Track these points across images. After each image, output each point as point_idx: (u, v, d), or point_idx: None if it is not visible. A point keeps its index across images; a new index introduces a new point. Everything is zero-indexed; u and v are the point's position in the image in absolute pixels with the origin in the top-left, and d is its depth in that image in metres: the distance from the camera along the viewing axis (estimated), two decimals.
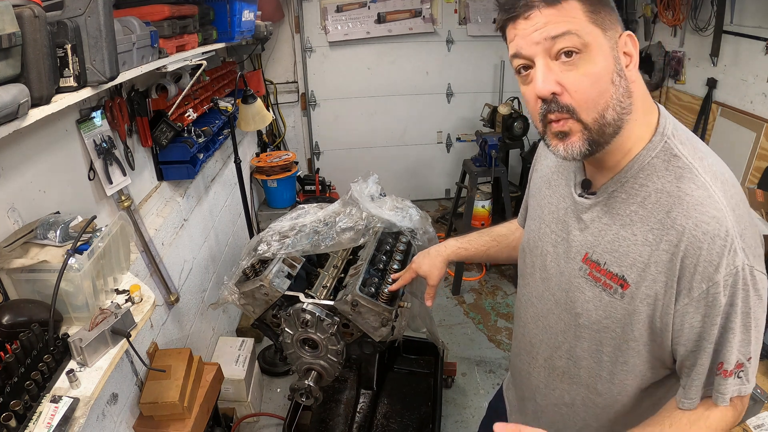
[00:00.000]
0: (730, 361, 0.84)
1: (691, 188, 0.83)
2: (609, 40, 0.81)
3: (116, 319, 1.18)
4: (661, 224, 0.85)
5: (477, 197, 3.64)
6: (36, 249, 1.23)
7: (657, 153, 0.87)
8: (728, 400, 0.86)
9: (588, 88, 0.80)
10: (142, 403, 1.78)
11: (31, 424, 0.98)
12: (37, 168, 1.41)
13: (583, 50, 0.80)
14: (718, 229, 0.80)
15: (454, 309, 3.40)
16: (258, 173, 3.43)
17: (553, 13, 0.80)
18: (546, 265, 1.06)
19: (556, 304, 1.04)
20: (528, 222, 1.17)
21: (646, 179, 0.87)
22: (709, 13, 2.88)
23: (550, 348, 1.09)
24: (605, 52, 0.81)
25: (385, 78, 4.36)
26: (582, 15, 0.80)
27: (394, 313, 1.54)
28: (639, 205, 0.88)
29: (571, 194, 1.00)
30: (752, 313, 0.82)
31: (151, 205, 2.16)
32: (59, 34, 1.15)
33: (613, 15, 0.83)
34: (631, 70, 0.84)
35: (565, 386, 1.09)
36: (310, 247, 1.75)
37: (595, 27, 0.80)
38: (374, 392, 2.36)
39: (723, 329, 0.83)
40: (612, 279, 0.91)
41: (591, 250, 0.94)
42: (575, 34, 0.79)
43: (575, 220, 0.99)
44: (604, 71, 0.81)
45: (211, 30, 2.32)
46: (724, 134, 2.89)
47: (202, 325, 2.55)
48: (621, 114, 0.83)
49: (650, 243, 0.86)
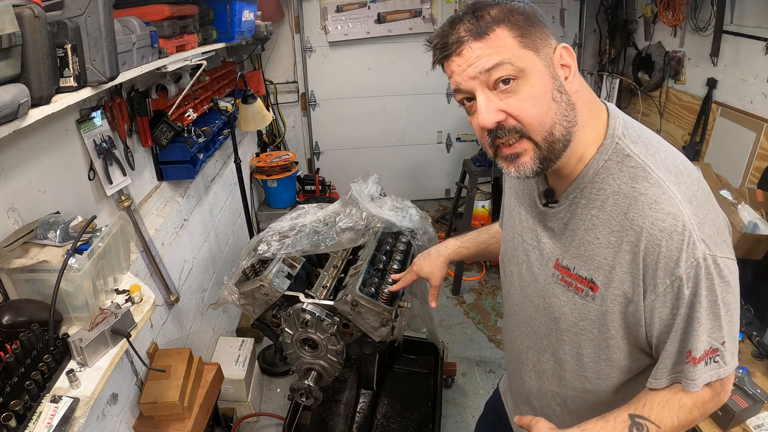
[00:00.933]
0: (698, 348, 0.86)
1: (644, 187, 0.84)
2: (543, 58, 0.82)
3: (116, 319, 1.18)
4: (620, 226, 0.86)
5: (477, 197, 3.64)
6: (36, 249, 1.23)
7: (609, 155, 0.88)
8: (700, 385, 0.88)
9: (531, 110, 0.82)
10: (142, 403, 1.78)
11: (31, 424, 0.98)
12: (37, 168, 1.41)
13: (519, 76, 0.81)
14: (674, 225, 0.81)
15: (454, 309, 3.40)
16: (258, 173, 3.44)
17: (483, 45, 0.81)
18: (522, 273, 1.09)
19: (535, 310, 1.07)
20: (504, 232, 1.20)
21: (603, 183, 0.89)
22: (709, 13, 2.88)
23: (536, 352, 1.11)
24: (541, 72, 0.82)
25: (385, 78, 4.36)
26: (512, 41, 0.81)
27: (394, 313, 1.54)
28: (599, 209, 0.89)
29: (536, 204, 1.02)
30: (720, 300, 0.84)
31: (151, 205, 2.16)
32: (59, 34, 1.15)
33: (544, 31, 0.84)
34: (571, 81, 0.85)
35: (555, 388, 1.11)
36: (310, 247, 1.75)
37: (527, 50, 0.81)
38: (374, 392, 2.36)
39: (689, 318, 0.85)
40: (582, 282, 0.93)
41: (561, 256, 0.97)
42: (508, 63, 0.80)
43: (543, 229, 1.01)
44: (542, 91, 0.82)
45: (211, 30, 2.32)
46: (724, 134, 2.89)
47: (202, 325, 2.55)
48: (568, 128, 0.85)
49: (613, 245, 0.88)
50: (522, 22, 0.81)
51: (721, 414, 1.60)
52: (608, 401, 1.05)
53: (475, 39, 0.81)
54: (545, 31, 0.84)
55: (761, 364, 1.83)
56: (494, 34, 0.81)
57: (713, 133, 2.99)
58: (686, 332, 0.86)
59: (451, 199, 4.59)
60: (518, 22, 0.81)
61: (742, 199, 2.24)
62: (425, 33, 4.21)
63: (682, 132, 3.25)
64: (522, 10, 0.83)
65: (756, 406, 1.60)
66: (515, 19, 0.81)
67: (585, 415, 1.08)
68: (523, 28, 0.81)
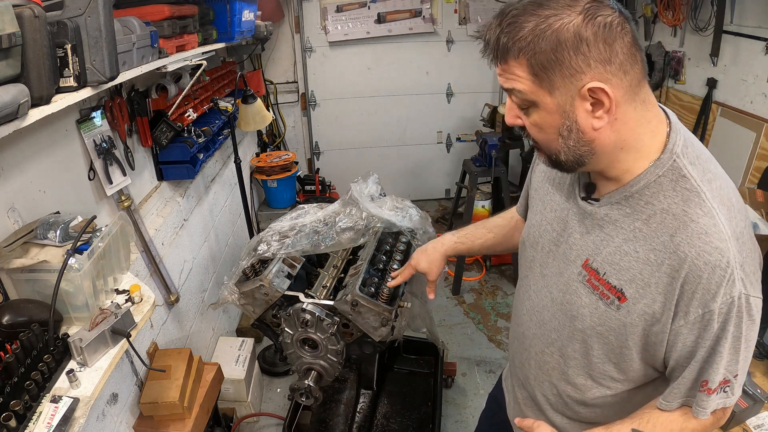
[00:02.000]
0: (715, 380, 0.87)
1: (697, 214, 0.83)
2: (559, 96, 0.80)
3: (116, 319, 1.18)
4: (664, 246, 0.85)
5: (477, 197, 3.64)
6: (36, 249, 1.23)
7: (665, 171, 0.86)
8: (709, 414, 0.90)
9: (537, 134, 0.88)
10: (142, 403, 1.78)
11: (31, 424, 0.98)
12: (37, 168, 1.41)
13: (530, 105, 0.84)
14: (719, 260, 0.81)
15: (454, 309, 3.40)
16: (258, 173, 3.43)
17: (503, 68, 0.83)
18: (547, 261, 1.07)
19: (552, 301, 1.05)
20: (530, 215, 1.17)
21: (652, 197, 0.87)
22: (709, 13, 2.88)
23: (542, 343, 1.10)
24: (550, 110, 0.82)
25: (385, 78, 4.36)
26: (526, 76, 0.81)
27: (394, 313, 1.54)
28: (643, 223, 0.88)
29: (575, 195, 1.00)
30: (743, 337, 0.85)
31: (151, 205, 2.16)
32: (59, 34, 1.15)
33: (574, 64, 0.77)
34: (602, 117, 0.81)
35: (554, 381, 1.11)
36: (310, 247, 1.75)
37: (540, 89, 0.81)
38: (374, 392, 2.36)
39: (711, 351, 0.85)
40: (610, 290, 0.92)
41: (592, 257, 0.95)
42: (521, 92, 0.83)
43: (577, 223, 0.99)
44: (549, 126, 0.84)
45: (211, 30, 2.32)
46: (724, 134, 2.89)
47: (202, 325, 2.55)
48: (579, 156, 0.86)
49: (652, 263, 0.86)
50: (543, 57, 0.77)
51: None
52: (606, 402, 1.05)
53: (495, 60, 0.83)
54: (577, 62, 0.77)
55: (761, 364, 1.83)
56: (513, 61, 0.81)
57: (713, 133, 2.99)
58: (706, 363, 0.86)
59: (451, 199, 4.59)
60: (538, 62, 0.78)
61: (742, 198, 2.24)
62: (425, 33, 4.21)
63: None
64: (553, 38, 0.76)
65: (756, 406, 1.60)
66: (537, 59, 0.78)
67: (578, 409, 1.09)
68: (542, 65, 0.78)
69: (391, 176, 4.63)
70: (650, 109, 0.86)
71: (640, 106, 0.84)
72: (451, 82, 4.45)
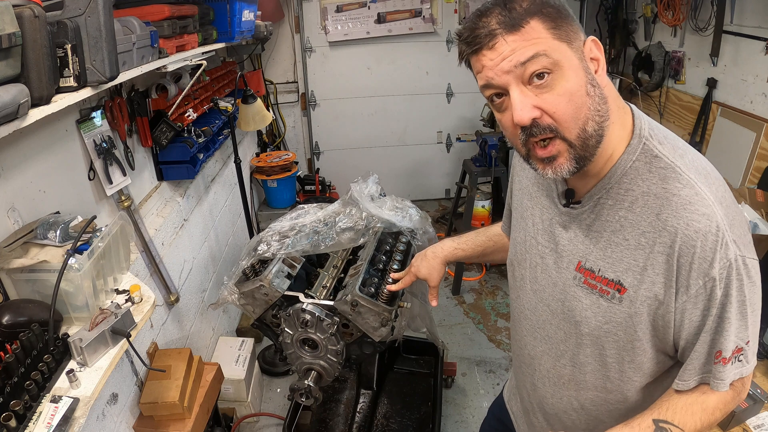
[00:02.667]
0: (728, 348, 0.86)
1: (677, 188, 0.84)
2: (576, 51, 0.81)
3: (116, 319, 1.18)
4: (652, 227, 0.85)
5: (477, 197, 3.64)
6: (36, 249, 1.23)
7: (638, 156, 0.87)
8: (728, 385, 0.88)
9: (566, 106, 0.80)
10: (142, 403, 1.78)
11: (31, 424, 0.98)
12: (37, 168, 1.41)
13: (554, 69, 0.79)
14: (709, 226, 0.81)
15: (454, 309, 3.40)
16: (258, 173, 3.44)
17: (517, 38, 0.78)
18: (536, 276, 1.06)
19: (552, 314, 1.04)
20: (513, 234, 1.17)
21: (631, 183, 0.87)
22: (709, 13, 2.88)
23: (552, 358, 1.08)
24: (575, 65, 0.80)
25: (385, 78, 4.36)
26: (546, 33, 0.78)
27: (394, 313, 1.54)
28: (627, 210, 0.88)
29: (555, 205, 1.00)
30: (747, 300, 0.84)
31: (151, 205, 2.16)
32: (59, 34, 1.15)
33: (574, 24, 0.82)
34: (600, 75, 0.83)
35: (572, 392, 1.08)
36: (310, 247, 1.75)
37: (561, 42, 0.79)
38: (374, 392, 2.36)
39: (719, 319, 0.85)
40: (608, 285, 0.92)
41: (584, 258, 0.95)
42: (544, 55, 0.78)
43: (563, 230, 0.99)
44: (577, 86, 0.80)
45: (211, 30, 2.32)
46: (724, 134, 2.89)
47: (202, 325, 2.55)
48: (600, 123, 0.83)
49: (644, 246, 0.86)
50: (554, 14, 0.80)
51: None
52: (628, 403, 1.03)
53: (509, 31, 0.78)
54: (575, 23, 0.82)
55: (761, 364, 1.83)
56: (529, 26, 0.78)
57: (713, 133, 2.99)
58: (717, 332, 0.86)
59: (451, 199, 4.59)
60: (551, 14, 0.79)
61: (742, 199, 2.24)
62: (425, 33, 4.21)
63: (682, 132, 3.25)
64: (552, 2, 0.81)
65: (756, 406, 1.60)
66: (548, 11, 0.79)
67: (603, 418, 1.07)
68: (556, 20, 0.79)
69: (391, 176, 4.63)
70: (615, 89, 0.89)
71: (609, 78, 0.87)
72: (451, 82, 4.45)
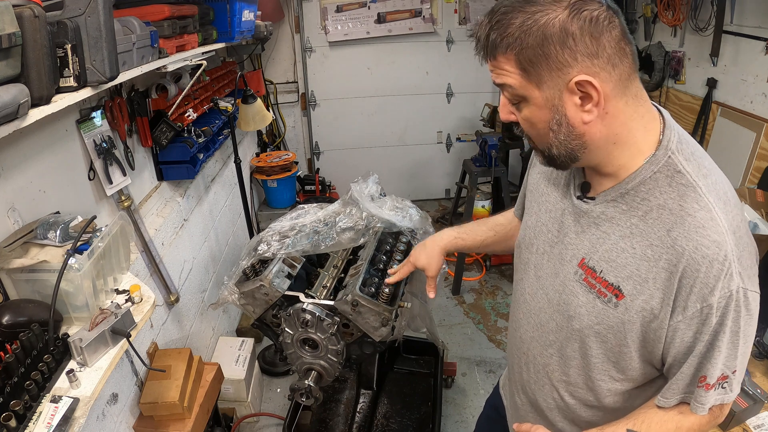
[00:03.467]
0: (713, 375, 0.86)
1: (694, 208, 0.83)
2: (546, 91, 0.82)
3: (116, 319, 1.18)
4: (661, 241, 0.85)
5: (477, 197, 3.64)
6: (36, 249, 1.23)
7: (660, 168, 0.86)
8: (707, 410, 0.90)
9: (529, 129, 0.89)
10: (142, 403, 1.78)
11: (31, 424, 0.98)
12: (37, 168, 1.41)
13: (521, 100, 0.86)
14: (717, 254, 0.81)
15: (454, 309, 3.40)
16: (258, 173, 3.44)
17: (493, 63, 0.85)
18: (542, 263, 1.07)
19: (548, 303, 1.05)
20: (525, 217, 1.17)
21: (648, 193, 0.87)
22: (709, 13, 2.88)
23: (540, 345, 1.10)
24: (539, 104, 0.84)
25: (385, 78, 4.36)
26: (515, 70, 0.82)
27: (394, 313, 1.54)
28: (640, 219, 0.88)
29: (570, 195, 1.00)
30: (741, 332, 0.85)
31: (151, 205, 2.16)
32: (59, 34, 1.15)
33: (560, 58, 0.78)
34: (591, 111, 0.82)
35: (554, 384, 1.10)
36: (310, 247, 1.75)
37: (528, 83, 0.83)
38: (374, 392, 2.36)
39: (710, 345, 0.85)
40: (607, 288, 0.92)
41: (588, 256, 0.95)
42: (511, 87, 0.84)
43: (573, 223, 0.99)
44: (539, 120, 0.86)
45: (211, 30, 2.32)
46: (724, 134, 2.89)
47: (202, 325, 2.55)
48: (571, 150, 0.87)
49: (649, 258, 0.86)
50: (530, 52, 0.79)
51: None
52: (607, 405, 1.04)
53: (487, 55, 0.85)
54: (564, 56, 0.78)
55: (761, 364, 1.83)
56: (502, 56, 0.82)
57: (713, 133, 2.99)
58: (705, 358, 0.86)
59: (451, 199, 4.59)
60: (526, 57, 0.79)
61: (742, 199, 2.24)
62: (425, 33, 4.21)
63: None
64: (539, 33, 0.77)
65: (756, 406, 1.60)
66: (524, 54, 0.79)
67: (579, 412, 1.08)
68: (530, 61, 0.80)
69: (391, 176, 4.63)
70: (642, 104, 0.86)
71: (632, 101, 0.84)
72: (450, 82, 4.45)
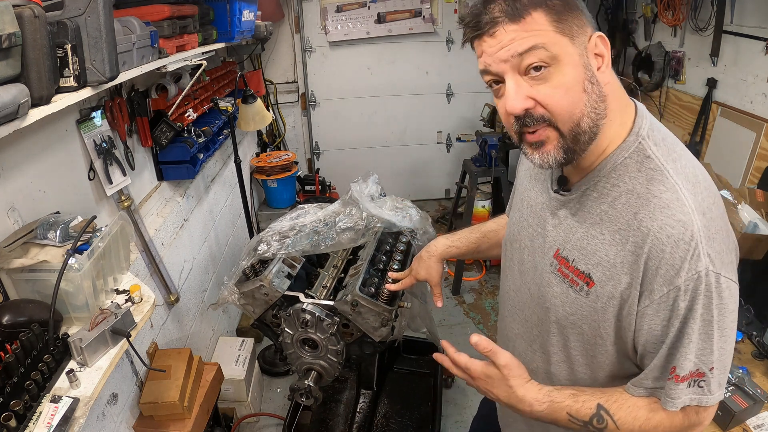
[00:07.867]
0: (684, 367, 0.83)
1: (660, 190, 0.83)
2: (578, 47, 0.80)
3: (116, 319, 1.18)
4: (628, 225, 0.85)
5: (477, 197, 3.64)
6: (36, 249, 1.23)
7: (630, 153, 0.86)
8: (678, 406, 0.85)
9: (560, 100, 0.80)
10: (142, 403, 1.78)
11: (31, 424, 0.98)
12: (37, 168, 1.41)
13: (551, 63, 0.78)
14: (682, 233, 0.79)
15: (454, 309, 3.40)
16: (258, 173, 3.43)
17: (518, 28, 0.78)
18: (523, 258, 1.08)
19: (530, 297, 1.05)
20: (511, 214, 1.18)
21: (618, 179, 0.87)
22: (709, 13, 2.88)
23: (525, 341, 1.10)
24: (574, 61, 0.79)
25: (385, 78, 4.36)
26: (548, 26, 0.78)
27: (394, 313, 1.54)
28: (609, 205, 0.88)
29: (548, 190, 1.01)
30: (715, 321, 0.81)
31: (151, 205, 2.16)
32: (59, 34, 1.15)
33: (581, 17, 0.81)
34: (604, 72, 0.83)
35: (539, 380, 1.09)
36: (310, 247, 1.75)
37: (563, 36, 0.79)
38: (374, 392, 2.36)
39: (679, 333, 0.82)
40: (579, 276, 0.92)
41: (562, 246, 0.96)
42: (542, 48, 0.78)
43: (550, 216, 1.00)
44: (574, 81, 0.80)
45: (211, 30, 2.32)
46: (724, 134, 2.89)
47: (202, 325, 2.55)
48: (596, 120, 0.83)
49: (617, 243, 0.86)
50: (560, 6, 0.78)
51: (721, 414, 1.60)
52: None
53: (510, 21, 0.78)
54: (582, 17, 0.81)
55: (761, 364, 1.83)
56: (531, 17, 0.77)
57: (713, 133, 2.99)
58: (674, 347, 0.83)
59: (451, 199, 4.59)
60: (556, 7, 0.78)
61: (742, 199, 2.24)
62: (425, 33, 4.21)
63: (682, 132, 3.25)
64: None
65: (756, 406, 1.60)
66: (553, 3, 0.78)
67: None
68: (561, 12, 0.78)
69: (391, 176, 4.63)
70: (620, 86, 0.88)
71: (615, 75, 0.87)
72: (451, 82, 4.45)
